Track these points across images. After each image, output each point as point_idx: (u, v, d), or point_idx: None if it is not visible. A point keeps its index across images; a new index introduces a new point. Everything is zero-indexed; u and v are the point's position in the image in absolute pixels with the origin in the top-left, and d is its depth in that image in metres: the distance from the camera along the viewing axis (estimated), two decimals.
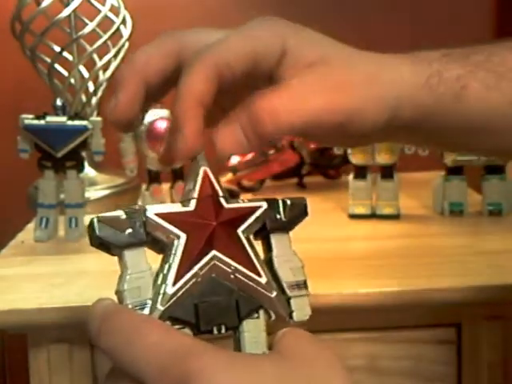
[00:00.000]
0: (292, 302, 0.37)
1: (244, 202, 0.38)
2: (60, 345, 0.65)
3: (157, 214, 0.35)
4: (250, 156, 0.99)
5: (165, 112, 0.88)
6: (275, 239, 0.38)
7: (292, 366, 0.32)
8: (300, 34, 0.41)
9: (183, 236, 0.35)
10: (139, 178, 0.96)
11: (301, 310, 0.37)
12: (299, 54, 0.40)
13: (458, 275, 0.65)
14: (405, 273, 0.66)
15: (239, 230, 0.36)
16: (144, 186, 0.93)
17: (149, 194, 0.90)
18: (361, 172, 0.87)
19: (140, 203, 0.93)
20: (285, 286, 0.37)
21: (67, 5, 0.92)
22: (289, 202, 0.39)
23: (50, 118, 0.79)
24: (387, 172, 0.86)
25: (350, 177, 0.88)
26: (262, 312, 0.35)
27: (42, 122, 0.78)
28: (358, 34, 1.13)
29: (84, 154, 0.84)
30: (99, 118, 0.82)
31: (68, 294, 0.65)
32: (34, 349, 0.66)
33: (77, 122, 0.79)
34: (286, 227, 0.38)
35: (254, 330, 0.35)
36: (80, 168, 0.81)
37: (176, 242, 0.35)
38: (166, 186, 0.92)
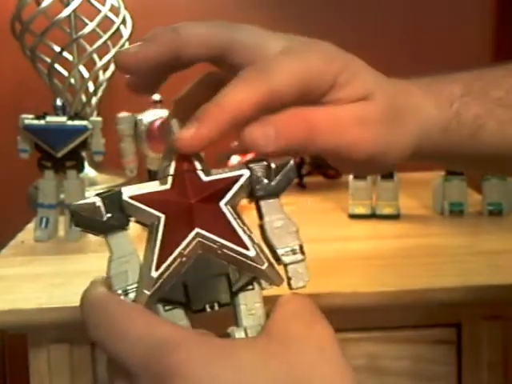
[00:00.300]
0: (289, 268, 0.36)
1: (225, 171, 0.36)
2: (60, 345, 0.65)
3: (132, 197, 0.34)
4: (249, 156, 1.00)
5: (165, 112, 0.88)
6: (265, 205, 0.36)
7: (275, 351, 0.31)
8: (352, 68, 0.40)
9: (162, 216, 0.34)
10: (139, 178, 0.96)
11: (298, 276, 0.36)
12: (348, 88, 0.40)
13: (458, 275, 0.65)
14: (405, 273, 0.66)
15: (221, 203, 0.35)
16: None
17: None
18: None
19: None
20: (279, 253, 0.36)
21: (67, 5, 0.92)
22: (273, 165, 0.36)
23: (50, 118, 0.79)
24: (387, 172, 0.86)
25: (350, 177, 0.88)
26: (256, 283, 0.35)
27: (42, 122, 0.78)
28: (358, 34, 1.13)
29: (84, 153, 0.84)
30: (99, 118, 0.82)
31: (68, 293, 0.65)
32: (33, 349, 0.66)
33: (77, 122, 0.79)
34: (274, 192, 0.37)
35: (249, 302, 0.34)
36: (80, 168, 0.81)
37: (156, 223, 0.34)
38: None
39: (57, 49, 0.94)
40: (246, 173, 0.36)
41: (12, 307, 0.62)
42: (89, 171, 0.97)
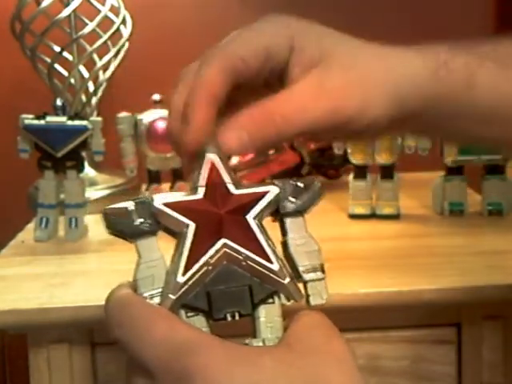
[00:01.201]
0: (308, 285, 0.37)
1: (254, 186, 0.37)
2: (60, 345, 0.65)
3: (164, 204, 0.35)
4: (249, 156, 0.99)
5: (165, 112, 0.88)
6: (290, 223, 0.38)
7: (294, 360, 0.32)
8: (306, 31, 0.42)
9: (192, 225, 0.35)
10: (139, 178, 0.96)
11: (317, 293, 0.37)
12: (303, 51, 0.41)
13: (458, 275, 0.65)
14: (405, 273, 0.66)
15: (249, 216, 0.36)
16: (144, 186, 0.93)
17: (149, 193, 0.90)
18: (361, 172, 0.87)
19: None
20: (300, 270, 0.37)
21: (67, 5, 0.92)
22: (301, 184, 0.38)
23: (50, 118, 0.79)
24: (387, 172, 0.86)
25: (350, 177, 0.88)
26: (276, 297, 0.35)
27: (42, 121, 0.79)
28: (359, 34, 1.13)
29: (84, 153, 0.84)
30: (99, 118, 0.82)
31: (68, 293, 0.65)
32: (33, 349, 0.66)
33: (77, 122, 0.79)
34: (300, 210, 0.38)
35: (269, 315, 0.35)
36: (80, 168, 0.81)
37: (185, 230, 0.35)
38: (165, 186, 0.92)
39: (57, 49, 0.94)
40: (274, 190, 0.37)
41: (12, 307, 0.62)
42: (89, 171, 0.97)
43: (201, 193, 0.36)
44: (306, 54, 0.41)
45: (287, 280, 0.36)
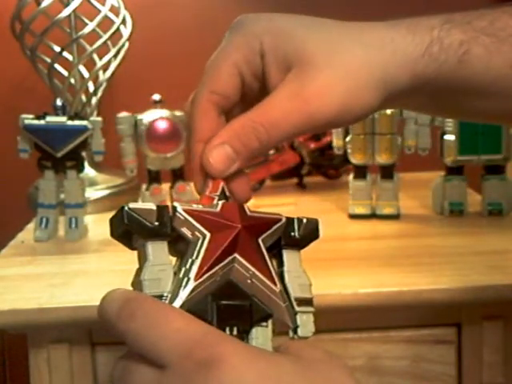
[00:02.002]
0: (298, 317, 0.37)
1: (264, 213, 0.39)
2: (60, 345, 0.65)
3: (185, 210, 0.36)
4: None
5: (165, 112, 0.88)
6: (287, 255, 0.39)
7: (306, 364, 0.32)
8: (276, 29, 0.41)
9: (208, 235, 0.36)
10: (139, 178, 0.96)
11: (305, 325, 0.37)
12: (276, 51, 0.40)
13: (458, 275, 0.65)
14: (405, 273, 0.66)
15: (260, 239, 0.38)
16: (144, 186, 0.93)
17: (149, 193, 0.90)
18: (361, 172, 0.87)
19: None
20: (293, 300, 0.38)
21: (67, 5, 0.92)
22: (304, 220, 0.40)
23: (49, 118, 0.79)
24: (387, 172, 0.86)
25: (350, 177, 0.88)
26: (270, 322, 0.36)
27: (42, 122, 0.79)
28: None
29: (84, 153, 0.84)
30: (99, 118, 0.82)
31: (68, 293, 0.65)
32: (33, 349, 0.66)
33: (77, 122, 0.79)
34: (298, 244, 0.39)
35: (261, 337, 0.35)
36: (80, 168, 0.81)
37: (201, 239, 0.36)
38: (165, 186, 0.92)
39: (57, 49, 0.94)
40: (283, 219, 0.39)
41: (12, 307, 0.62)
42: (89, 171, 0.97)
43: (219, 207, 0.37)
44: (279, 53, 0.40)
45: (285, 304, 0.37)
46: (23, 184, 0.94)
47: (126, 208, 0.35)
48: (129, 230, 0.35)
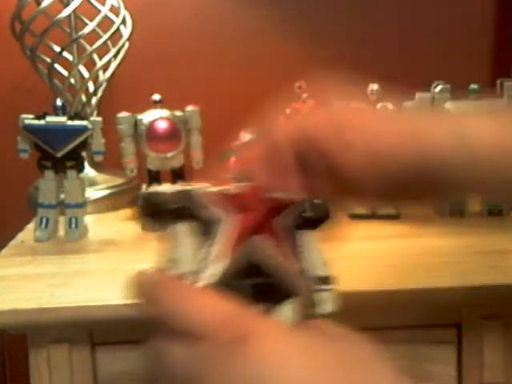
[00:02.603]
0: (316, 295, 0.38)
1: (283, 196, 0.40)
2: (60, 345, 0.65)
3: (206, 193, 0.37)
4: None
5: (165, 112, 0.88)
6: (304, 234, 0.40)
7: (332, 340, 0.34)
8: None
9: (229, 216, 0.37)
10: (139, 178, 0.96)
11: (324, 303, 0.38)
12: None
13: (458, 275, 0.65)
14: (405, 273, 0.66)
15: (277, 219, 0.38)
16: (144, 186, 0.92)
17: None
18: None
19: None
20: (313, 278, 0.38)
21: (67, 5, 0.92)
22: (317, 201, 0.41)
23: (49, 118, 0.79)
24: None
25: None
26: (291, 300, 0.37)
27: (42, 121, 0.79)
28: (354, 32, 1.13)
29: (84, 153, 0.84)
30: (99, 118, 0.82)
31: (68, 293, 0.65)
32: (33, 349, 0.66)
33: (77, 122, 0.79)
34: (313, 225, 0.40)
35: (284, 315, 0.36)
36: (80, 168, 0.81)
37: (222, 220, 0.36)
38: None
39: (57, 49, 0.94)
40: (299, 200, 0.40)
41: (12, 307, 0.62)
42: (89, 171, 0.97)
43: (238, 189, 0.38)
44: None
45: (306, 282, 0.37)
46: (23, 184, 0.94)
47: (142, 196, 0.36)
48: (153, 213, 0.36)
